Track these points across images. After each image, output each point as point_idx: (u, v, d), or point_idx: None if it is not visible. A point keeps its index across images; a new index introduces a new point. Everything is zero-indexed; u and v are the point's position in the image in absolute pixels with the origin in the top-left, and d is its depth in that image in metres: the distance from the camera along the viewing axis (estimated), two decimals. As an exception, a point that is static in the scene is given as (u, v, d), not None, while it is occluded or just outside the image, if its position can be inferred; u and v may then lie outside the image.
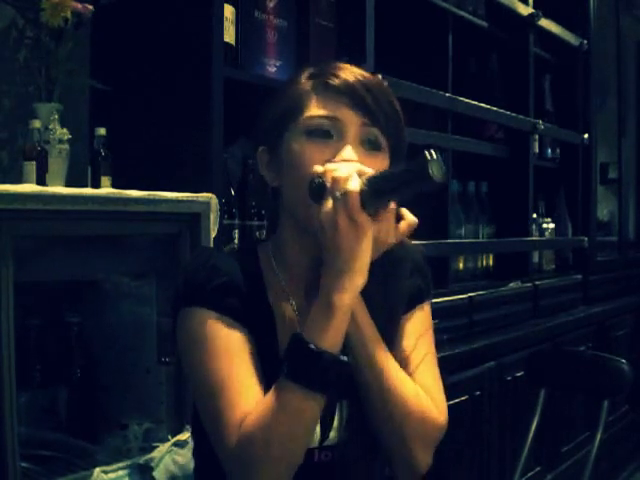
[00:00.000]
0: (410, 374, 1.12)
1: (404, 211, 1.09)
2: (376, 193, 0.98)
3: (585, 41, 3.52)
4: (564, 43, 3.43)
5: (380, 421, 1.09)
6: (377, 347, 1.09)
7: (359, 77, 1.11)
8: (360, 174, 1.00)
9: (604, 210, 4.09)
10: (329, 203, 1.00)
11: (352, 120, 1.09)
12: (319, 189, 1.01)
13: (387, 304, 1.13)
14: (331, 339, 1.00)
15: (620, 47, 4.04)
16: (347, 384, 1.07)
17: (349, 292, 1.01)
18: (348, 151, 1.07)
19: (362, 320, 1.09)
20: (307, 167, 1.07)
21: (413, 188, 0.96)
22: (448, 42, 2.61)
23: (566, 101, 3.58)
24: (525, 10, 3.03)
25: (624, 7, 4.08)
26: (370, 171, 1.01)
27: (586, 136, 3.54)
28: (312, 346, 0.99)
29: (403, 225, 1.08)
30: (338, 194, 0.99)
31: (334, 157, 1.07)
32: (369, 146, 1.10)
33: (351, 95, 1.09)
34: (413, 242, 1.20)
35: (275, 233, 1.20)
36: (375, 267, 1.06)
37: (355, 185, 0.98)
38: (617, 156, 4.07)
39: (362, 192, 0.98)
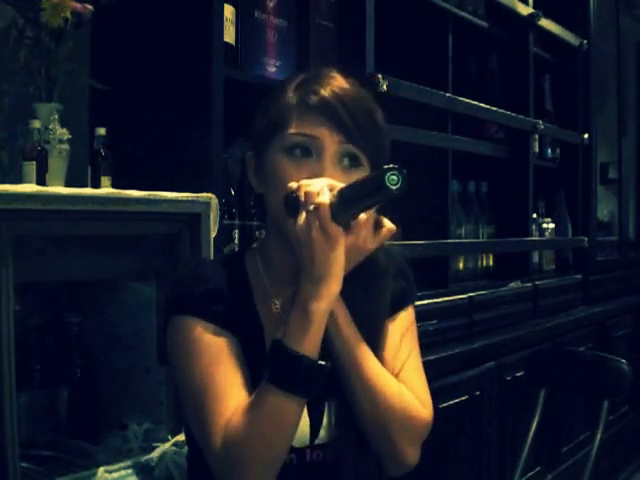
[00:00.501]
0: (396, 374, 1.15)
1: (383, 219, 1.12)
2: (345, 203, 1.03)
3: (585, 41, 3.52)
4: (564, 43, 3.43)
5: (366, 419, 1.12)
6: (358, 347, 1.12)
7: (339, 93, 1.13)
8: (331, 188, 1.05)
9: (604, 210, 4.10)
10: (303, 216, 1.05)
11: (330, 139, 1.12)
12: (293, 204, 1.07)
13: (372, 308, 1.16)
14: (309, 344, 1.05)
15: (620, 47, 4.04)
16: (335, 384, 1.10)
17: (325, 299, 1.05)
18: (326, 175, 1.10)
19: (343, 322, 1.12)
20: (286, 184, 1.10)
21: (373, 197, 1.03)
22: (448, 42, 2.61)
23: (566, 101, 3.58)
24: (525, 10, 3.03)
25: (624, 7, 4.08)
26: (341, 185, 1.06)
27: (586, 136, 3.54)
28: (291, 351, 1.04)
29: (382, 231, 1.11)
30: (310, 207, 1.04)
31: (312, 175, 1.10)
32: (348, 163, 1.14)
33: (328, 114, 1.12)
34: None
35: (263, 238, 1.25)
36: (359, 273, 1.11)
37: (325, 198, 1.03)
38: (617, 156, 4.07)
39: (332, 204, 1.03)
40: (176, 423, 1.59)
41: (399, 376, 1.15)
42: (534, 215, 3.25)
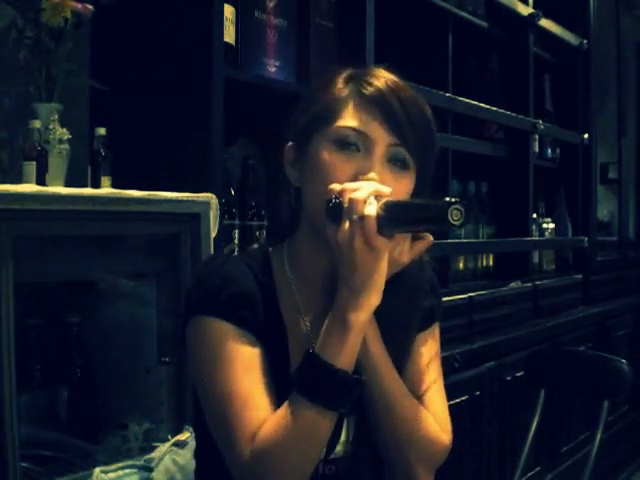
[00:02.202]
0: (419, 397, 1.13)
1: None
2: (393, 221, 0.98)
3: (585, 41, 3.53)
4: (564, 43, 3.44)
5: (385, 440, 1.10)
6: (384, 366, 1.09)
7: (393, 87, 1.09)
8: (378, 196, 0.99)
9: (604, 210, 4.10)
10: (346, 225, 0.99)
11: (381, 139, 1.07)
12: (336, 209, 1.01)
13: (402, 322, 1.13)
14: (346, 357, 1.01)
15: (620, 47, 4.04)
16: (356, 400, 1.06)
17: (365, 311, 1.01)
18: (372, 175, 1.05)
19: (372, 338, 1.08)
20: (331, 175, 1.06)
21: (429, 226, 0.99)
22: (448, 42, 2.61)
23: (566, 101, 3.58)
24: (525, 10, 3.03)
25: (624, 7, 4.08)
26: (388, 191, 1.01)
27: (586, 136, 3.54)
28: (327, 365, 0.99)
29: (419, 244, 1.07)
30: (355, 217, 0.98)
31: (358, 170, 1.06)
32: (396, 165, 1.08)
33: (383, 107, 1.08)
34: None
35: (292, 237, 1.18)
36: (392, 285, 1.05)
37: (372, 210, 0.98)
38: (617, 156, 4.07)
39: (379, 217, 0.98)
40: (176, 423, 1.58)
41: (422, 399, 1.13)
42: (534, 215, 3.25)
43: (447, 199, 0.92)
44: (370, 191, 1.00)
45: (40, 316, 1.60)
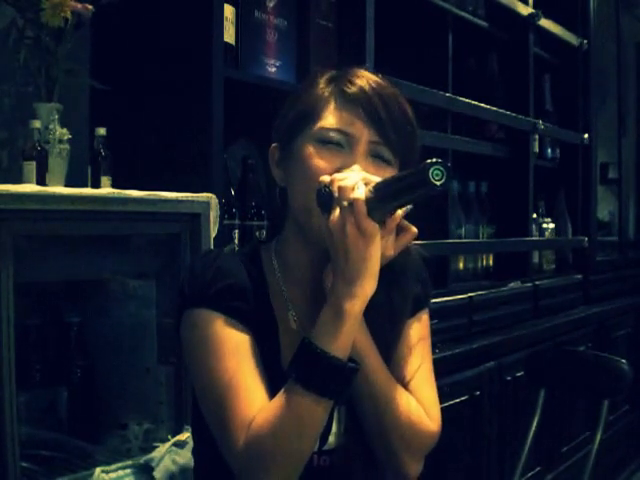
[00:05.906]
0: (405, 383, 1.14)
1: (405, 223, 1.09)
2: (381, 199, 0.99)
3: (585, 41, 3.53)
4: (564, 43, 3.44)
5: (372, 429, 1.11)
6: (370, 356, 1.10)
7: (375, 86, 1.11)
8: (366, 182, 1.02)
9: (604, 210, 4.10)
10: (337, 212, 1.01)
11: (363, 136, 1.10)
12: (327, 198, 1.03)
13: (389, 312, 1.14)
14: (341, 345, 1.01)
15: (620, 47, 4.04)
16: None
17: (359, 299, 1.02)
18: (356, 168, 1.08)
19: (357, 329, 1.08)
20: (315, 174, 1.08)
21: (415, 193, 0.98)
22: (448, 42, 2.62)
23: (566, 101, 3.58)
24: (525, 10, 3.03)
25: (624, 7, 4.08)
26: (376, 179, 1.03)
27: (586, 136, 3.54)
28: (322, 352, 1.00)
29: (404, 237, 1.09)
30: (345, 203, 1.00)
31: (342, 167, 1.08)
32: (379, 159, 1.11)
33: (365, 105, 1.10)
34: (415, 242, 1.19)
35: (280, 234, 1.20)
36: (379, 275, 1.06)
37: (360, 193, 1.00)
38: (617, 156, 4.07)
39: (368, 200, 1.00)
40: (176, 423, 1.59)
41: (409, 386, 1.13)
42: (534, 215, 3.25)
43: (428, 160, 0.94)
44: (358, 178, 1.02)
45: (40, 316, 1.60)
